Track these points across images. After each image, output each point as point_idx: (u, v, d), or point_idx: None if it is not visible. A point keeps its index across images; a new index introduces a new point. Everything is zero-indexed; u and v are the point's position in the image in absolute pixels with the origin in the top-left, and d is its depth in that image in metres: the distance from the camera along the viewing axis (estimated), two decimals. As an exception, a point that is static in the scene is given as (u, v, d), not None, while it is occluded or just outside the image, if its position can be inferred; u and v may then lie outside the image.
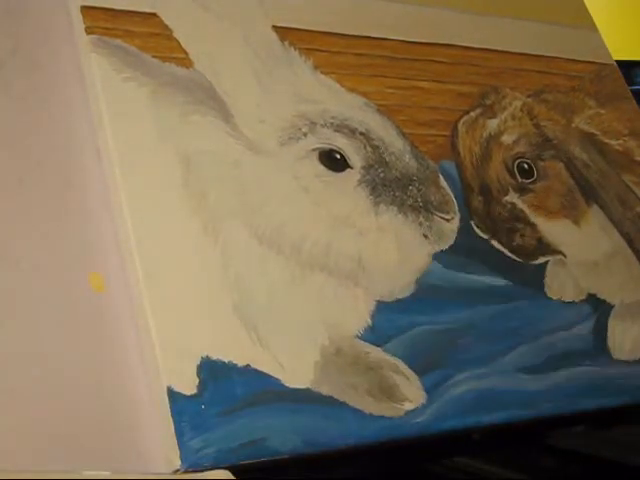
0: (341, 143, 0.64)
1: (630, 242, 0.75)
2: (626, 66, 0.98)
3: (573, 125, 0.78)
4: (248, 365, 0.55)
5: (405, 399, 0.58)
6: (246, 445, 0.52)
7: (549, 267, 0.70)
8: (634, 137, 0.81)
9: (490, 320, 0.65)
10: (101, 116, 0.58)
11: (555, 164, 0.75)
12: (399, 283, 0.63)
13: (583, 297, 0.70)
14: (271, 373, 0.55)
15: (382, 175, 0.65)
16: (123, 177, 0.56)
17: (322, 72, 0.67)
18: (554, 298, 0.69)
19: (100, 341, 0.54)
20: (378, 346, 0.59)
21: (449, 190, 0.67)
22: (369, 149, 0.65)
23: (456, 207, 0.67)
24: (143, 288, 0.54)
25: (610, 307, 0.71)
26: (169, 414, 0.51)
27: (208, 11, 0.65)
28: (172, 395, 0.52)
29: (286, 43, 0.66)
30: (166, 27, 0.63)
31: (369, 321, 0.60)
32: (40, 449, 0.50)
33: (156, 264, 0.55)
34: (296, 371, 0.56)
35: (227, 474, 0.50)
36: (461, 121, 0.72)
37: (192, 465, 0.51)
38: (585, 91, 0.81)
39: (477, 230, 0.68)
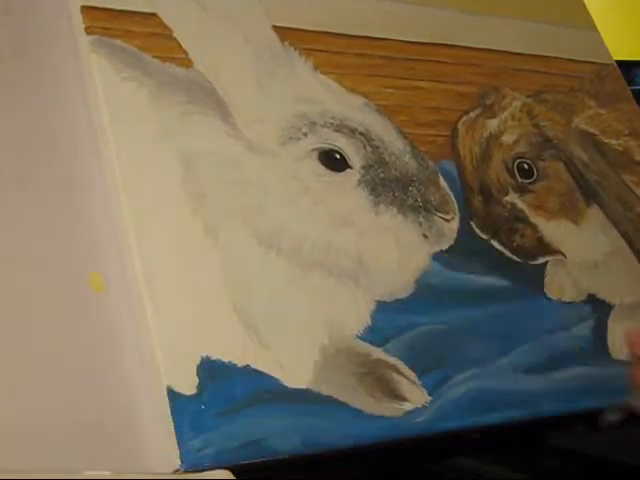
0: (341, 143, 0.64)
1: (630, 242, 0.75)
2: (626, 66, 0.98)
3: (573, 125, 0.78)
4: (248, 365, 0.55)
5: (405, 399, 0.58)
6: (246, 445, 0.52)
7: (549, 267, 0.70)
8: (634, 137, 0.81)
9: (490, 320, 0.65)
10: (101, 116, 0.58)
11: (555, 164, 0.75)
12: (399, 283, 0.63)
13: (583, 297, 0.70)
14: (271, 373, 0.55)
15: (382, 175, 0.65)
16: (123, 177, 0.56)
17: (322, 72, 0.67)
18: (554, 298, 0.69)
19: (100, 341, 0.54)
20: (378, 346, 0.59)
21: (449, 190, 0.67)
22: (369, 149, 0.65)
23: (456, 207, 0.67)
24: (143, 288, 0.54)
25: (610, 307, 0.71)
26: (169, 414, 0.51)
27: (208, 11, 0.65)
28: (172, 395, 0.52)
29: (286, 43, 0.67)
30: (166, 27, 0.63)
31: (369, 321, 0.60)
32: (40, 449, 0.50)
33: (156, 264, 0.55)
34: (296, 371, 0.56)
35: (227, 474, 0.50)
36: (461, 121, 0.72)
37: (192, 465, 0.51)
38: (585, 91, 0.81)
39: (477, 230, 0.68)
